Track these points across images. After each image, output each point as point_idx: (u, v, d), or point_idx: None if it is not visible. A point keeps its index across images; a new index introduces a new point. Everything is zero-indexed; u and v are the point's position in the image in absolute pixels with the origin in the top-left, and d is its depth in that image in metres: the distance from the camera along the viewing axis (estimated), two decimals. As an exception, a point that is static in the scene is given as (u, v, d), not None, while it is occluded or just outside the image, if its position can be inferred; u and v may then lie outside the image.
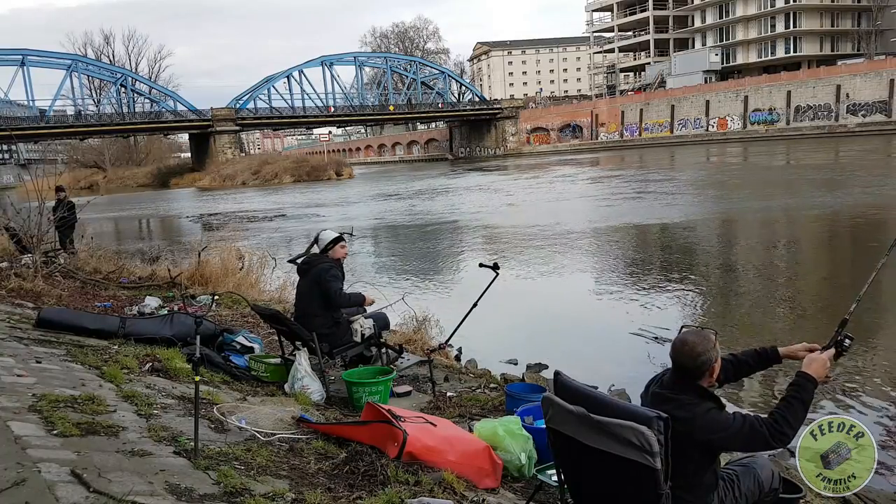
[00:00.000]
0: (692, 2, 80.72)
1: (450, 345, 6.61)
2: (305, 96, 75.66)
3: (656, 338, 8.32)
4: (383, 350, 5.79)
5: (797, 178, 28.02)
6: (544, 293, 11.58)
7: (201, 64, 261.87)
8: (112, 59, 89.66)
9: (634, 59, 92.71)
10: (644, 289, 11.27)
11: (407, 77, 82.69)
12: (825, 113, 58.32)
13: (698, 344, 2.81)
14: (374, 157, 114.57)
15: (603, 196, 26.61)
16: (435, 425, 3.77)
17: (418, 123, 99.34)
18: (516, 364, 7.58)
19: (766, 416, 2.85)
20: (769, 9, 72.20)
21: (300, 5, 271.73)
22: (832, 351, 3.05)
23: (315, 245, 5.74)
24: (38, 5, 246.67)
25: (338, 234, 5.72)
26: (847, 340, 3.08)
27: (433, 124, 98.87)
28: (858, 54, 66.99)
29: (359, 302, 5.68)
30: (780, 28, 72.07)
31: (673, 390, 2.83)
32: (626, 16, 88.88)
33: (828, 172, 28.77)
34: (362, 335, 5.59)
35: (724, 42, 76.98)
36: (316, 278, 5.46)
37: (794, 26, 70.91)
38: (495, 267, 5.90)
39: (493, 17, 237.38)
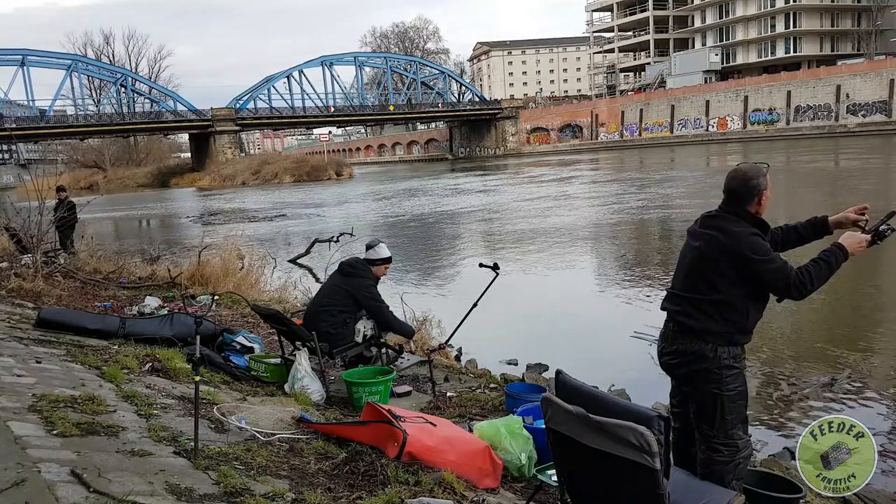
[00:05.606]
0: (692, 2, 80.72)
1: (450, 345, 6.61)
2: (305, 96, 75.79)
3: (657, 338, 8.30)
4: (383, 350, 5.80)
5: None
6: (544, 293, 11.57)
7: (204, 63, 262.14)
8: (112, 59, 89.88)
9: (634, 59, 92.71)
10: (644, 289, 11.26)
11: (407, 77, 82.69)
12: (825, 113, 58.33)
13: (750, 170, 3.20)
14: (374, 157, 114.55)
15: (556, 196, 26.90)
16: (435, 425, 3.77)
17: (418, 123, 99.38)
18: (516, 364, 7.58)
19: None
20: (769, 9, 72.20)
21: (303, 4, 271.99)
22: (868, 237, 3.19)
23: (366, 251, 5.77)
24: (41, 4, 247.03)
25: (391, 255, 5.82)
26: (888, 230, 3.20)
27: (433, 124, 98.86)
28: (858, 54, 66.99)
29: (409, 333, 5.96)
30: (780, 28, 72.08)
31: (723, 210, 3.20)
32: (626, 16, 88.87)
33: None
34: (364, 336, 5.60)
35: (724, 42, 76.98)
36: (356, 288, 5.52)
37: (794, 26, 70.93)
38: (495, 267, 5.91)
39: (494, 17, 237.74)
